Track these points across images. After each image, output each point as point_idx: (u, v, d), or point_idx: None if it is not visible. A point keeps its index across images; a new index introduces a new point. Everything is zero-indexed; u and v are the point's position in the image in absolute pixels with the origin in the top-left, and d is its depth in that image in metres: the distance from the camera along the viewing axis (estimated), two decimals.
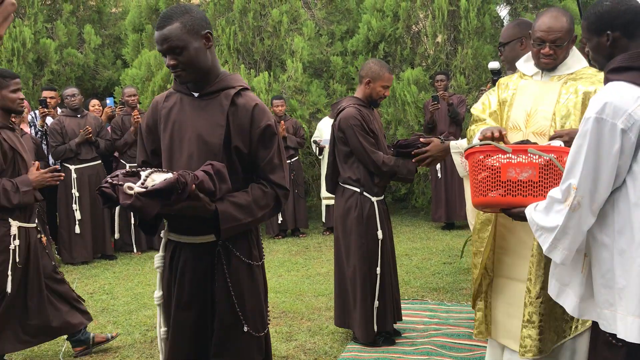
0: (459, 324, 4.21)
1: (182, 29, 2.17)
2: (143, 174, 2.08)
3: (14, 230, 3.53)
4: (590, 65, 2.83)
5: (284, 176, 2.34)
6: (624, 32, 2.07)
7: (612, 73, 2.05)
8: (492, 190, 2.45)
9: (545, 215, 2.13)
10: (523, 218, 2.30)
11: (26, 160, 3.67)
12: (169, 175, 2.05)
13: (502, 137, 2.69)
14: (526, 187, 2.39)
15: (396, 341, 4.00)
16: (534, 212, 2.19)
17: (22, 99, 3.68)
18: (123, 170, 2.15)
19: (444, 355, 3.71)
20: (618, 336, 2.00)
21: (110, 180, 2.03)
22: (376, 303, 3.85)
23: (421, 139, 3.71)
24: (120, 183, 2.00)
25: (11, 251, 3.52)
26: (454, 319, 4.32)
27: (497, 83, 3.09)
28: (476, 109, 3.08)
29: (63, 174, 3.93)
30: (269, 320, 2.56)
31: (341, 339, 4.07)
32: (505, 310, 2.93)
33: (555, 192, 2.09)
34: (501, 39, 3.36)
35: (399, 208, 9.52)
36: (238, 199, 2.23)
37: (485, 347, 3.68)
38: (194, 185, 2.05)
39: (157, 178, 2.05)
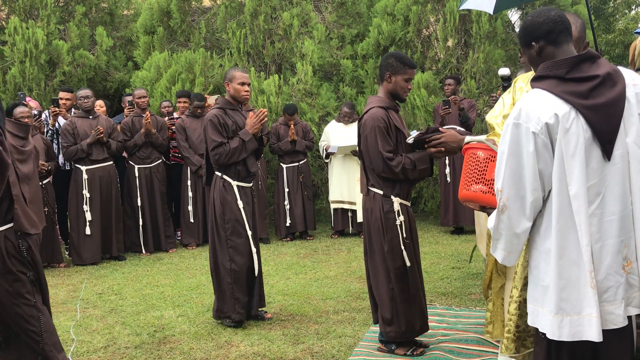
0: (467, 329, 4.19)
1: None
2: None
3: (396, 206, 3.68)
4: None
5: None
6: (547, 41, 2.20)
7: (534, 81, 2.21)
8: (475, 184, 2.50)
9: (493, 216, 2.26)
10: None
11: None
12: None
13: None
14: None
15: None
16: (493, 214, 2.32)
17: (410, 89, 3.76)
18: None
19: None
20: (540, 330, 2.17)
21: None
22: None
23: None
24: None
25: (398, 227, 3.67)
26: (462, 324, 4.30)
27: (513, 82, 3.09)
28: (490, 114, 3.08)
29: None
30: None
31: (349, 343, 4.06)
32: None
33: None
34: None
35: None
36: None
37: (494, 352, 3.66)
38: None
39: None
